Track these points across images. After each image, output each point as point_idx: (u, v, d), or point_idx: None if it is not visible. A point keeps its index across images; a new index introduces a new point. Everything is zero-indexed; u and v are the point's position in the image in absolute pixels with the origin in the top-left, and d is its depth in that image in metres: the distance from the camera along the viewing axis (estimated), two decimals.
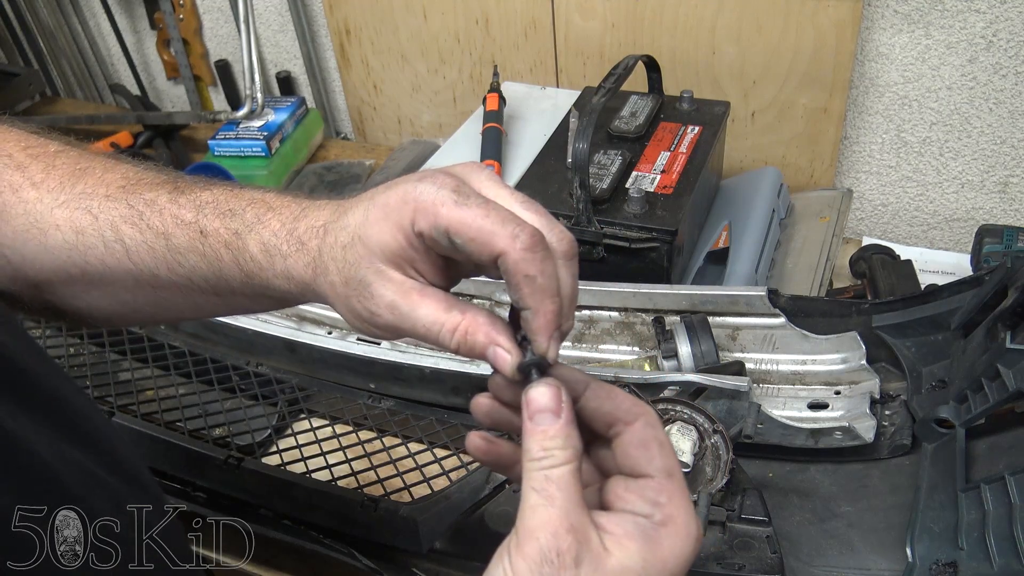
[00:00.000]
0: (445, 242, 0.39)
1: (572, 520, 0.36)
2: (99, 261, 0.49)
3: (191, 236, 0.47)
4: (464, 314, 0.41)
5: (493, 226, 0.38)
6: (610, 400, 0.39)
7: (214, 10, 1.60)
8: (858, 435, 0.71)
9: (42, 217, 0.49)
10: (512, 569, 0.36)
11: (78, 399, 0.46)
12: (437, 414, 0.84)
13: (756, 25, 1.13)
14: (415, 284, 0.41)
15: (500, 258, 0.38)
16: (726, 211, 1.08)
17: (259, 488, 0.75)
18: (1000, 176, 1.15)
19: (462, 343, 0.40)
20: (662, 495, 0.38)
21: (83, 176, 0.51)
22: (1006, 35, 1.03)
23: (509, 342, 0.40)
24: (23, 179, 0.50)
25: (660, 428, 0.39)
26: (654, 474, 0.38)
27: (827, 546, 0.66)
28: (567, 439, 0.37)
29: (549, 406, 0.38)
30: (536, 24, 1.28)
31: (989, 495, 0.57)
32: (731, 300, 0.83)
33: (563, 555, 0.35)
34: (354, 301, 0.42)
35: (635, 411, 0.39)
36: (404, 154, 1.38)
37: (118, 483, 0.44)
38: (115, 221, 0.49)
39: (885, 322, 0.78)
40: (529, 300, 0.39)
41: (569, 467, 0.37)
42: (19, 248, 0.50)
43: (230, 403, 0.87)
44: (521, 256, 0.38)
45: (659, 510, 0.37)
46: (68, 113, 1.59)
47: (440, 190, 0.39)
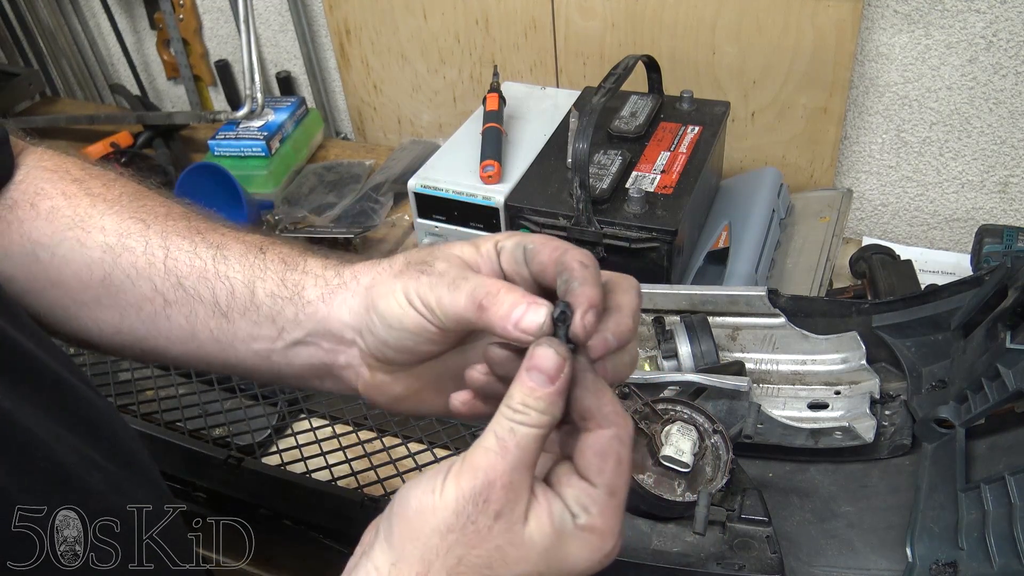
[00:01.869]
0: (520, 255, 0.44)
1: (513, 478, 0.38)
2: (129, 264, 0.49)
3: (248, 248, 0.50)
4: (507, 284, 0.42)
5: (563, 241, 0.43)
6: (595, 397, 0.40)
7: (214, 10, 1.60)
8: (858, 435, 0.71)
9: (90, 219, 0.50)
10: (443, 488, 0.38)
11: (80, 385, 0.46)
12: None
13: (756, 25, 1.13)
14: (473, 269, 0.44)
15: (561, 255, 0.42)
16: (726, 211, 1.08)
17: (259, 488, 0.75)
18: (1000, 176, 1.15)
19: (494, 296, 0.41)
20: (595, 506, 0.39)
21: (144, 197, 0.52)
22: (1006, 35, 1.03)
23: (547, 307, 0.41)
24: (79, 189, 0.52)
25: (627, 445, 0.40)
26: (599, 486, 0.39)
27: (827, 546, 0.66)
28: (549, 406, 0.38)
29: (548, 369, 0.38)
30: (536, 24, 1.28)
31: (989, 495, 0.57)
32: (731, 300, 0.83)
33: (488, 503, 0.37)
34: (409, 271, 0.44)
35: (611, 419, 0.39)
36: (404, 154, 1.38)
37: (116, 468, 0.44)
38: (168, 232, 0.50)
39: (885, 322, 0.78)
40: (578, 276, 0.40)
41: (536, 431, 0.38)
42: (53, 247, 0.50)
43: (230, 403, 0.87)
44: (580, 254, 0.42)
45: (586, 516, 0.39)
46: (68, 113, 1.59)
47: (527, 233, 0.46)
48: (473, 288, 0.41)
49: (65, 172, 0.52)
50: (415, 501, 0.38)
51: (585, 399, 0.40)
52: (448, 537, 0.37)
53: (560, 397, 0.39)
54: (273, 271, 0.48)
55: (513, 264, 0.44)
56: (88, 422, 0.44)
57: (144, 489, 0.46)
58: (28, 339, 0.43)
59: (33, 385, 0.41)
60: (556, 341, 0.39)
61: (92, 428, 0.44)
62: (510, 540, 0.38)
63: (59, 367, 0.44)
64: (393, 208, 1.30)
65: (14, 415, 0.38)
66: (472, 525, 0.37)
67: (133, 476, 0.46)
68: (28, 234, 0.50)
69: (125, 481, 0.44)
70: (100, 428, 0.45)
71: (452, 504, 0.37)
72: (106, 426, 0.46)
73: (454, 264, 0.44)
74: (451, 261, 0.44)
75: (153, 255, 0.49)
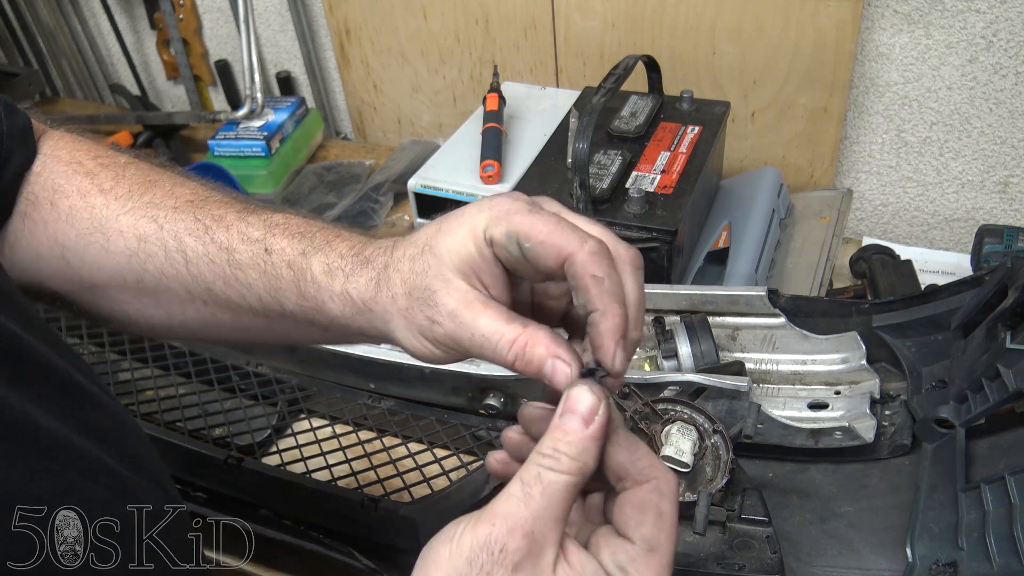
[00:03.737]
0: (515, 249, 0.40)
1: (536, 527, 0.35)
2: (157, 270, 0.50)
3: (255, 252, 0.48)
4: (525, 327, 0.40)
5: (562, 232, 0.39)
6: (629, 452, 0.38)
7: (214, 10, 1.60)
8: (858, 435, 0.71)
9: (107, 222, 0.50)
10: (459, 539, 0.35)
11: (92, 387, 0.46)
12: (437, 414, 0.84)
13: (756, 25, 1.13)
14: (478, 295, 0.41)
15: (567, 260, 0.39)
16: (726, 211, 1.08)
17: (259, 488, 0.75)
18: (1000, 176, 1.15)
19: (520, 355, 0.40)
20: (633, 565, 0.36)
21: (152, 187, 0.52)
22: (1006, 35, 1.03)
23: (569, 355, 0.39)
24: (91, 185, 0.51)
25: (668, 499, 0.37)
26: (636, 541, 0.36)
27: (827, 546, 0.66)
28: (582, 452, 0.36)
29: (583, 412, 0.36)
30: (536, 24, 1.28)
31: (989, 495, 0.57)
32: (731, 300, 0.83)
33: (505, 553, 0.34)
34: (415, 311, 0.42)
35: (648, 472, 0.37)
36: (404, 154, 1.38)
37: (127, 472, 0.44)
38: (179, 232, 0.50)
39: (885, 322, 0.78)
40: (596, 301, 0.38)
41: (566, 479, 0.36)
42: (80, 251, 0.51)
43: (230, 403, 0.87)
44: (589, 257, 0.38)
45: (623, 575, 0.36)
46: (68, 113, 1.59)
47: (514, 202, 0.41)
48: (492, 350, 0.40)
49: (78, 164, 0.53)
50: (432, 550, 0.36)
51: (618, 455, 0.38)
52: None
53: (594, 443, 0.36)
54: (287, 280, 0.47)
55: (509, 257, 0.41)
56: (98, 425, 0.44)
57: (154, 494, 0.46)
58: (40, 342, 0.43)
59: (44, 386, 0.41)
60: (591, 382, 0.38)
61: (102, 432, 0.44)
62: None
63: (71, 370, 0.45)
64: (393, 208, 1.30)
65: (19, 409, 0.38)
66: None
67: (142, 480, 0.46)
68: (54, 236, 0.51)
69: (134, 485, 0.44)
70: (110, 432, 0.45)
71: (466, 552, 0.35)
72: (116, 429, 0.46)
73: (458, 300, 0.41)
74: (452, 294, 0.41)
75: (175, 260, 0.49)
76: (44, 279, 0.52)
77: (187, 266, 0.49)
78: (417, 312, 0.42)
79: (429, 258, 0.42)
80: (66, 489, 0.39)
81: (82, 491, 0.40)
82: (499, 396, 0.80)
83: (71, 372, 0.44)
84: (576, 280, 0.39)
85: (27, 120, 0.53)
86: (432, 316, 0.42)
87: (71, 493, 0.40)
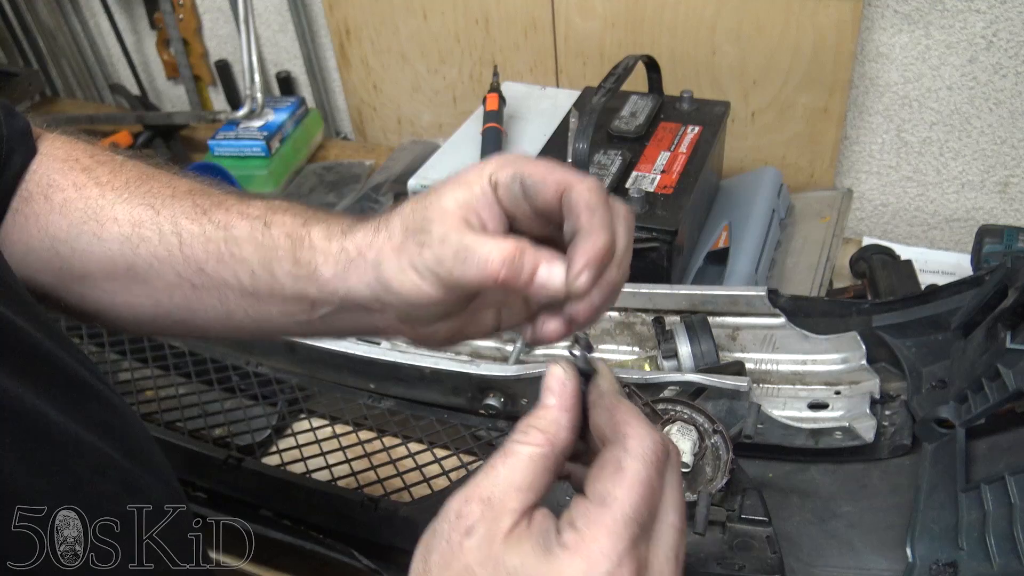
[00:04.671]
0: (517, 189, 0.41)
1: (493, 493, 0.35)
2: (149, 254, 0.50)
3: (253, 226, 0.49)
4: (515, 240, 0.40)
5: (563, 170, 0.41)
6: (608, 415, 0.38)
7: (214, 10, 1.60)
8: (858, 435, 0.71)
9: (102, 211, 0.51)
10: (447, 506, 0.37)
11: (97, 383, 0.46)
12: (437, 414, 0.84)
13: (756, 25, 1.13)
14: (472, 225, 0.42)
15: (566, 191, 0.40)
16: (726, 211, 1.08)
17: (259, 488, 0.75)
18: (1000, 176, 1.15)
19: (509, 262, 0.39)
20: (582, 519, 0.34)
21: (149, 180, 0.52)
22: (1006, 35, 1.03)
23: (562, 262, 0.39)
24: (88, 179, 0.52)
25: (634, 455, 0.35)
26: (589, 496, 0.35)
27: (827, 546, 0.66)
28: (550, 424, 0.37)
29: (551, 386, 0.38)
30: (536, 24, 1.28)
31: (989, 495, 0.57)
32: (731, 300, 0.83)
33: (460, 519, 0.35)
34: (408, 242, 0.43)
35: (620, 431, 0.37)
36: (404, 154, 1.38)
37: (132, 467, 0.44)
38: (176, 215, 0.50)
39: (885, 322, 0.78)
40: (585, 223, 0.39)
41: (531, 449, 0.36)
42: (72, 241, 0.51)
43: (230, 403, 0.87)
44: (586, 190, 0.39)
45: (570, 531, 0.34)
46: (68, 113, 1.59)
47: (520, 155, 0.43)
48: (481, 260, 0.39)
49: (75, 161, 0.53)
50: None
51: (598, 419, 0.38)
52: (429, 560, 0.36)
53: (563, 413, 0.37)
54: (284, 249, 0.48)
55: (511, 199, 0.42)
56: (105, 421, 0.45)
57: (159, 490, 0.46)
58: (46, 338, 0.43)
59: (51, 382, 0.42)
60: (566, 362, 0.38)
61: (108, 426, 0.44)
62: (480, 559, 0.34)
63: (77, 366, 0.45)
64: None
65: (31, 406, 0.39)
66: (446, 543, 0.35)
67: (148, 475, 0.46)
68: (46, 228, 0.51)
69: (141, 480, 0.45)
70: (116, 426, 0.45)
71: (434, 525, 0.36)
72: (122, 424, 0.46)
73: (451, 226, 0.41)
74: (447, 221, 0.42)
75: (169, 243, 0.50)
76: (33, 273, 0.52)
77: (181, 247, 0.49)
78: (409, 243, 0.43)
79: (432, 198, 0.43)
80: (75, 483, 0.40)
81: (91, 485, 0.41)
82: (499, 396, 0.80)
83: (77, 368, 0.44)
84: (571, 208, 0.40)
85: (26, 123, 0.54)
86: (423, 241, 0.42)
87: (80, 487, 0.40)
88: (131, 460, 0.44)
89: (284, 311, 0.49)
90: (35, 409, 0.39)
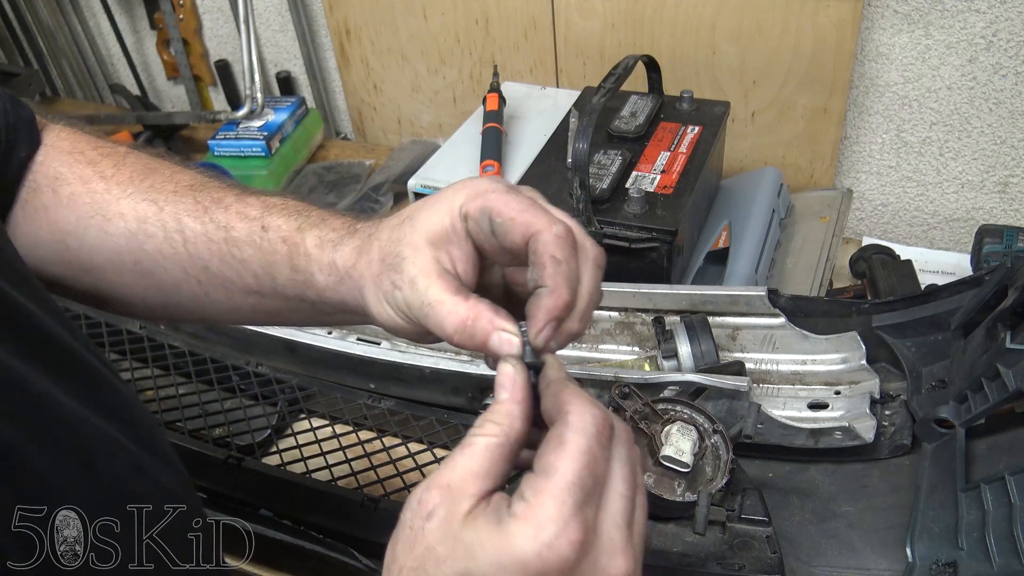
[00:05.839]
0: (486, 224, 0.42)
1: (452, 480, 0.37)
2: (155, 250, 0.51)
3: (252, 229, 0.50)
4: (468, 299, 0.42)
5: (533, 212, 0.41)
6: (554, 399, 0.39)
7: (214, 10, 1.60)
8: (858, 435, 0.71)
9: (108, 206, 0.52)
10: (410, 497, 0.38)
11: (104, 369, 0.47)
12: (437, 414, 0.84)
13: (756, 25, 1.13)
14: (439, 266, 0.43)
15: (533, 238, 0.40)
16: (726, 211, 1.08)
17: (259, 488, 0.75)
18: (1000, 176, 1.15)
19: (461, 330, 0.41)
20: (529, 490, 0.36)
21: (152, 174, 0.53)
22: (1006, 35, 1.03)
23: (513, 327, 0.41)
24: (93, 172, 0.53)
25: (575, 429, 0.37)
26: (536, 470, 0.37)
27: (827, 546, 0.66)
28: (504, 416, 0.39)
29: (502, 382, 0.39)
30: (536, 24, 1.28)
31: (989, 495, 0.57)
32: (731, 300, 0.83)
33: (422, 505, 0.37)
34: (384, 276, 0.44)
35: (563, 410, 0.38)
36: (404, 154, 1.38)
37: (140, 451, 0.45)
38: (179, 213, 0.51)
39: (885, 322, 0.78)
40: (549, 279, 0.40)
41: (486, 439, 0.38)
42: (80, 234, 0.52)
43: (230, 403, 0.87)
44: (553, 238, 0.40)
45: (519, 503, 0.36)
46: (68, 113, 1.59)
47: (493, 183, 0.44)
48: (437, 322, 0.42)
49: (80, 154, 0.54)
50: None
51: (547, 403, 0.40)
52: (396, 548, 0.38)
53: (516, 405, 0.39)
54: (282, 255, 0.49)
55: (480, 233, 0.43)
56: (113, 405, 0.45)
57: (167, 475, 0.47)
58: (56, 324, 0.44)
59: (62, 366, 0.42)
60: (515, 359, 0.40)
61: (116, 411, 0.45)
62: (441, 538, 0.36)
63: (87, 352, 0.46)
64: (393, 208, 1.30)
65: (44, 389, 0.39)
66: (409, 529, 0.37)
67: (157, 460, 0.47)
68: (55, 222, 0.52)
69: (150, 464, 0.46)
70: (123, 412, 0.46)
71: (400, 516, 0.38)
72: (129, 410, 0.47)
73: (422, 268, 0.43)
74: (419, 262, 0.43)
75: (173, 240, 0.51)
76: (43, 264, 0.53)
77: (185, 245, 0.51)
78: (385, 278, 0.44)
79: (407, 227, 0.45)
80: (86, 461, 0.41)
81: (102, 463, 0.42)
82: None
83: (85, 354, 0.45)
84: (536, 257, 0.41)
85: (31, 113, 0.55)
86: (396, 281, 0.44)
87: (91, 465, 0.41)
88: (139, 445, 0.45)
89: (288, 307, 0.51)
90: (45, 391, 0.40)
